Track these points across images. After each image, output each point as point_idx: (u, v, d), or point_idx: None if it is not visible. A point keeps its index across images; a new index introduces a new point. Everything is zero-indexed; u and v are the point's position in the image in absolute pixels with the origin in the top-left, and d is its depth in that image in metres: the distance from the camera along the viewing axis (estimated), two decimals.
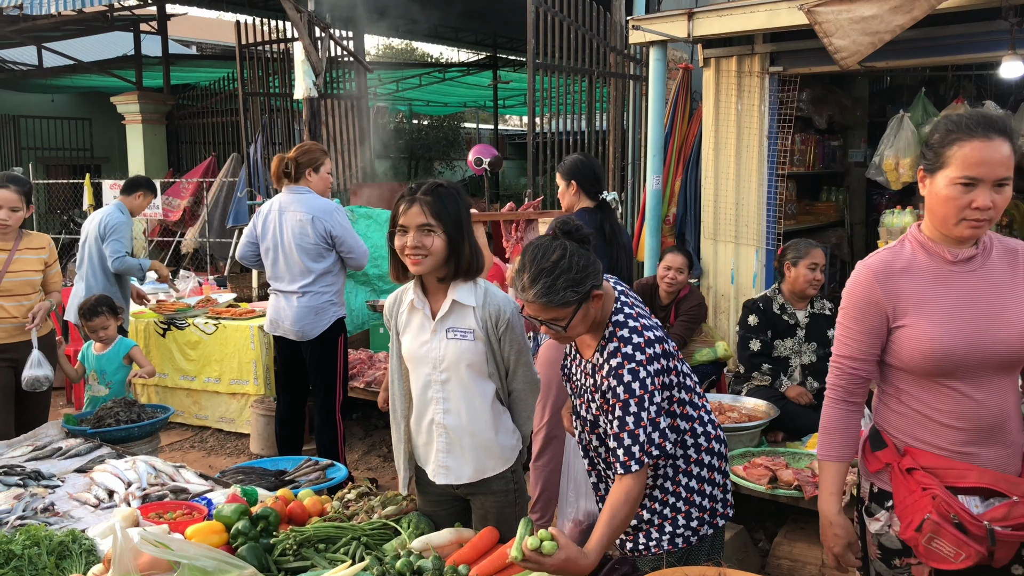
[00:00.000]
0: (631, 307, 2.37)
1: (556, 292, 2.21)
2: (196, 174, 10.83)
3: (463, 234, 2.55)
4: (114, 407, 4.29)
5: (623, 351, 2.25)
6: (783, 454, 4.03)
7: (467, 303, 2.59)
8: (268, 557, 2.42)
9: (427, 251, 2.50)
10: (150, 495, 3.14)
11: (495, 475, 2.70)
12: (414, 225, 2.50)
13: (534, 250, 2.28)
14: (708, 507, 2.45)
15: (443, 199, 2.52)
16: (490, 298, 2.61)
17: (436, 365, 2.64)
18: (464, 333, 2.60)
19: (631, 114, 7.98)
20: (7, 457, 3.71)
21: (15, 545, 2.46)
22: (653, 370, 2.24)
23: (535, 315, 2.29)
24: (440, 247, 2.51)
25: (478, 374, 2.63)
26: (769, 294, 4.75)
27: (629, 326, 2.29)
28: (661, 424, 2.26)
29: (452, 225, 2.52)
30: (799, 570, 3.78)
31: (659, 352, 2.28)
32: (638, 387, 2.22)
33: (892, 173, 6.41)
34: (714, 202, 6.43)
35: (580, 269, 2.23)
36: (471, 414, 2.65)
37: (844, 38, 4.76)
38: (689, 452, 2.42)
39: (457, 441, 2.68)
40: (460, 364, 2.61)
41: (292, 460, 3.75)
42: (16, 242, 4.55)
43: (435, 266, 2.54)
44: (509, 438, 2.72)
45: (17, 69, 14.52)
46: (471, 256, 2.57)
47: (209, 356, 6.51)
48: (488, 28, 13.66)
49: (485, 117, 21.01)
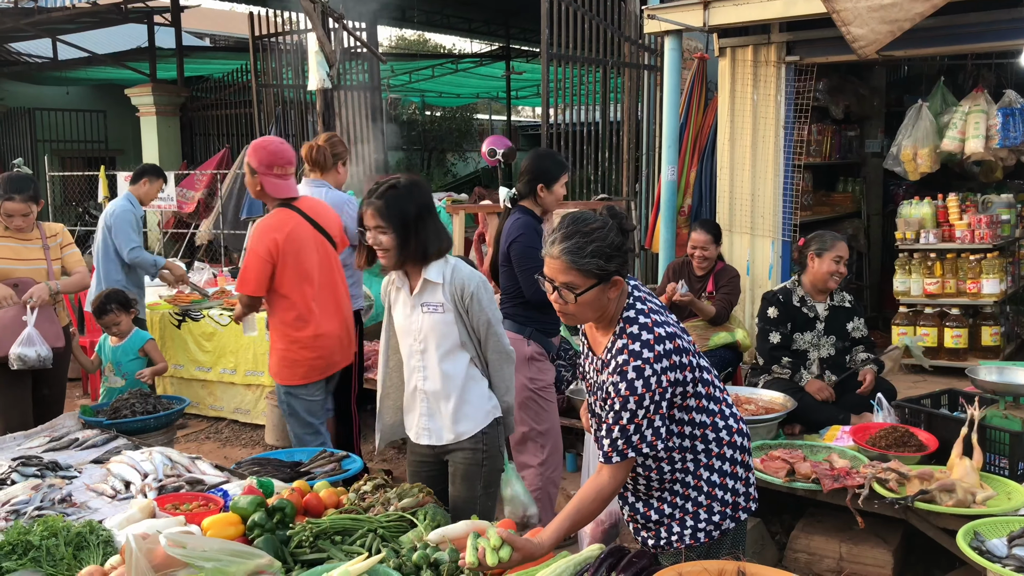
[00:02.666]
0: (644, 302, 2.35)
1: (583, 255, 2.22)
2: (210, 166, 10.85)
3: (409, 231, 2.91)
4: (130, 398, 4.31)
5: (630, 348, 2.23)
6: (801, 447, 4.00)
7: (435, 280, 2.95)
8: (284, 549, 2.42)
9: (383, 247, 2.92)
10: (166, 486, 3.14)
11: (467, 437, 3.01)
12: (371, 226, 2.93)
13: (575, 215, 2.33)
14: (730, 501, 2.42)
15: (390, 202, 2.90)
16: (456, 273, 2.97)
17: (416, 336, 3.01)
18: (435, 307, 2.96)
19: (646, 105, 7.93)
20: (25, 448, 3.73)
21: (33, 536, 2.46)
22: (660, 368, 2.22)
23: (553, 275, 2.28)
24: (391, 244, 2.91)
25: (451, 344, 2.97)
26: (789, 286, 4.70)
27: (639, 322, 2.27)
28: (656, 423, 2.24)
29: (399, 224, 2.90)
30: (816, 563, 3.76)
31: (670, 348, 2.25)
32: (640, 385, 2.20)
33: (910, 163, 6.36)
34: (729, 193, 6.38)
35: (613, 247, 2.25)
36: (445, 380, 2.99)
37: (862, 26, 4.70)
38: (710, 446, 2.39)
39: (436, 405, 3.03)
40: (433, 334, 2.97)
41: (307, 452, 3.74)
42: (40, 232, 4.60)
43: (393, 259, 2.94)
44: (484, 403, 3.03)
45: (32, 62, 14.57)
46: (418, 246, 2.93)
47: (224, 347, 6.53)
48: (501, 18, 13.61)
49: (498, 108, 20.95)
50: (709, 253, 5.42)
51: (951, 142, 6.14)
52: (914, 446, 3.78)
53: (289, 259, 3.98)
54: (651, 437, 2.25)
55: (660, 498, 2.43)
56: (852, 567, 3.69)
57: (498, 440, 3.09)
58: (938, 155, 6.28)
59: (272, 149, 4.04)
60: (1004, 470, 3.55)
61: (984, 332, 6.05)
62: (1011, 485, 3.41)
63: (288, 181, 4.10)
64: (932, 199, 6.38)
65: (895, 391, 4.62)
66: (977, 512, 3.15)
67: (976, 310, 6.12)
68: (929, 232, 6.21)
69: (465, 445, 3.02)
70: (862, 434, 3.96)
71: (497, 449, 3.08)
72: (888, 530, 3.74)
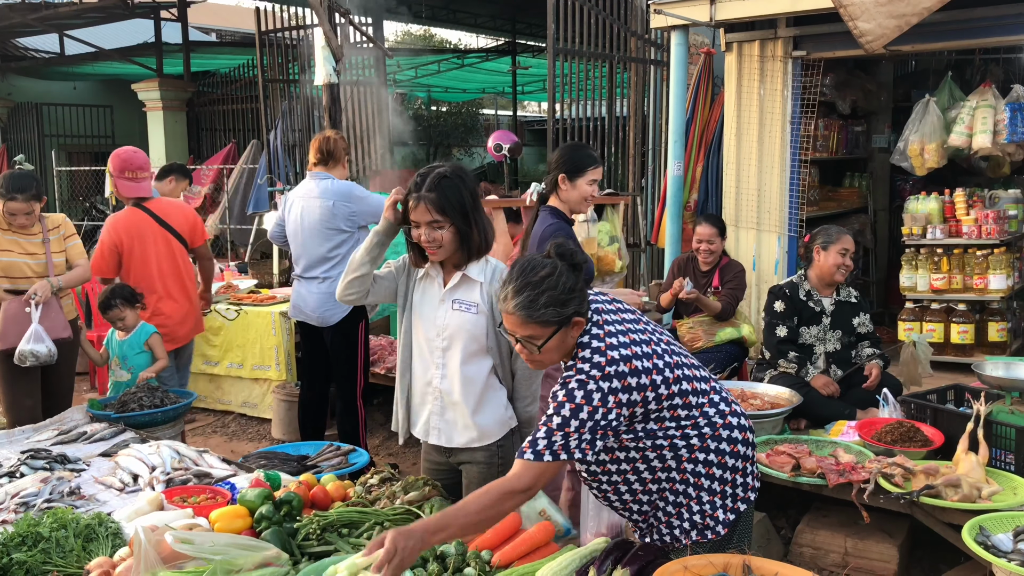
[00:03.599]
0: (600, 325, 2.27)
1: (537, 308, 2.17)
2: (216, 161, 10.88)
3: (470, 222, 2.72)
4: (138, 392, 4.32)
5: (578, 367, 2.20)
6: (806, 442, 4.00)
7: (476, 278, 2.78)
8: (292, 541, 2.44)
9: (440, 243, 2.70)
10: (174, 479, 3.16)
11: (481, 446, 2.86)
12: (424, 222, 2.69)
13: (524, 263, 2.25)
14: (729, 492, 2.38)
15: (446, 192, 2.67)
16: (497, 276, 2.78)
17: (440, 332, 2.82)
18: (468, 306, 2.78)
19: (652, 100, 7.92)
20: (33, 441, 3.75)
21: (43, 528, 2.48)
22: (606, 387, 2.16)
23: (513, 329, 2.24)
24: (450, 239, 2.70)
25: (477, 347, 2.80)
26: (795, 280, 4.70)
27: (592, 346, 2.22)
28: (586, 437, 2.16)
29: (459, 216, 2.69)
30: (822, 558, 3.76)
31: (623, 371, 2.18)
32: (580, 396, 2.16)
33: (917, 159, 6.34)
34: (736, 188, 6.38)
35: (566, 291, 2.19)
36: (464, 383, 2.81)
37: (870, 21, 4.69)
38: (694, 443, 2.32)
39: (450, 406, 2.86)
40: (461, 334, 2.79)
41: (314, 445, 3.76)
42: (42, 225, 4.60)
43: (449, 255, 2.75)
44: (501, 413, 2.87)
45: (39, 57, 14.61)
46: (480, 240, 2.75)
47: (231, 342, 6.55)
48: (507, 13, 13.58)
49: (504, 103, 20.94)
50: (715, 247, 5.40)
51: (958, 137, 6.13)
52: (920, 441, 3.78)
53: (134, 250, 4.89)
54: (574, 449, 2.17)
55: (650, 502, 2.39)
56: (857, 562, 3.69)
57: (514, 452, 2.80)
58: (945, 150, 6.27)
59: (124, 157, 4.98)
60: (1010, 465, 3.55)
61: (991, 328, 6.04)
62: (1017, 480, 3.41)
63: (140, 184, 4.97)
64: (939, 194, 6.36)
65: (901, 387, 4.62)
66: (983, 507, 3.15)
67: (983, 306, 6.11)
68: (936, 227, 6.19)
69: (479, 458, 2.89)
70: (868, 429, 3.96)
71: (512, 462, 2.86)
72: (894, 525, 3.75)
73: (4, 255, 4.48)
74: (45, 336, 4.43)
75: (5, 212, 4.45)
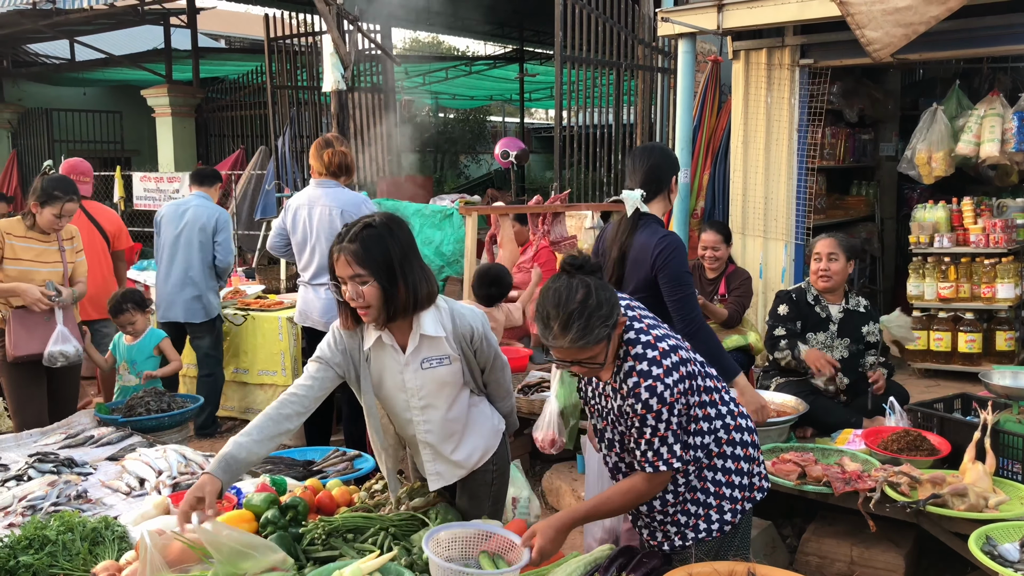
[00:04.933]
0: (639, 320, 2.33)
1: (591, 331, 2.14)
2: (224, 167, 10.91)
3: (395, 275, 2.46)
4: (145, 396, 4.34)
5: (639, 368, 2.23)
6: (812, 450, 3.99)
7: (435, 335, 2.56)
8: (297, 546, 2.44)
9: (365, 301, 2.46)
10: (180, 483, 3.17)
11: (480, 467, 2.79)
12: (346, 276, 2.46)
13: (555, 294, 2.18)
14: (739, 497, 2.42)
15: (367, 243, 2.44)
16: (458, 320, 2.61)
17: (415, 394, 2.63)
18: (440, 360, 2.60)
19: (659, 107, 7.93)
20: (41, 444, 3.77)
21: (49, 531, 2.50)
22: (671, 381, 2.22)
23: (570, 359, 2.22)
24: (374, 295, 2.45)
25: (455, 389, 2.67)
26: (803, 286, 4.69)
27: (641, 341, 2.26)
28: (682, 435, 2.27)
29: (382, 270, 2.44)
30: (828, 567, 3.74)
31: (676, 361, 2.24)
32: (655, 402, 2.21)
33: (924, 167, 6.33)
34: (743, 196, 6.38)
35: (607, 302, 2.18)
36: (451, 425, 2.69)
37: (877, 29, 4.69)
38: (712, 447, 2.39)
39: (441, 453, 2.72)
40: (441, 389, 2.64)
41: (320, 451, 3.77)
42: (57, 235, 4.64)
43: (378, 313, 2.49)
44: (490, 425, 2.80)
45: (50, 63, 14.70)
46: (408, 295, 2.48)
47: (237, 347, 6.56)
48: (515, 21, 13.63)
49: (511, 110, 20.98)
50: (720, 253, 5.41)
51: (966, 146, 6.12)
52: (926, 450, 3.76)
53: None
54: (678, 448, 2.26)
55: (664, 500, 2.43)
56: (863, 571, 3.67)
57: (506, 454, 2.92)
58: (953, 159, 6.26)
59: (73, 163, 6.37)
60: (1017, 475, 3.53)
61: (998, 337, 6.02)
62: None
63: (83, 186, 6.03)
64: (947, 203, 6.36)
65: (908, 395, 4.60)
66: (990, 516, 3.13)
67: (990, 315, 6.09)
68: (943, 236, 6.18)
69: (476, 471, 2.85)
70: (874, 438, 3.95)
71: (505, 463, 2.92)
72: (900, 534, 3.73)
73: (18, 263, 4.50)
74: (71, 336, 4.50)
75: (57, 214, 4.51)
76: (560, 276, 2.23)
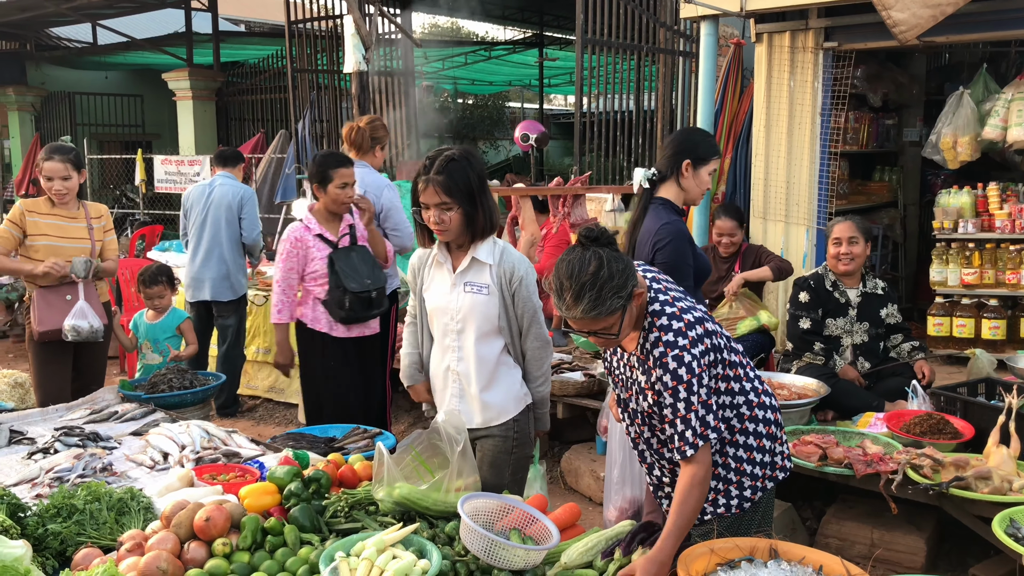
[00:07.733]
0: (665, 292, 2.33)
1: (603, 302, 2.14)
2: (245, 150, 10.94)
3: (476, 203, 2.80)
4: (168, 374, 4.38)
5: (664, 339, 2.22)
6: (833, 432, 3.98)
7: (485, 260, 2.87)
8: (320, 518, 2.46)
9: (447, 225, 2.80)
10: (203, 458, 3.20)
11: (498, 424, 2.96)
12: (432, 204, 2.79)
13: (568, 265, 2.19)
14: (759, 474, 2.42)
15: (454, 175, 2.76)
16: (506, 256, 2.89)
17: (453, 316, 2.92)
18: (480, 288, 2.87)
19: (680, 92, 7.88)
20: (66, 419, 3.81)
21: (77, 500, 2.53)
22: (698, 352, 2.22)
23: (585, 329, 2.23)
24: (457, 220, 2.79)
25: (490, 327, 2.89)
26: (820, 271, 4.66)
27: (667, 312, 2.26)
28: (713, 405, 2.25)
29: (465, 198, 2.78)
30: (848, 549, 3.74)
31: (701, 333, 2.24)
32: (684, 372, 2.20)
33: (949, 152, 6.26)
34: (764, 180, 6.33)
35: (620, 273, 2.17)
36: (479, 363, 2.91)
37: (904, 11, 4.64)
38: (735, 423, 2.39)
39: (467, 388, 2.96)
40: (474, 315, 2.88)
41: (341, 428, 3.79)
42: (85, 212, 4.65)
43: (456, 236, 2.85)
44: (516, 390, 2.97)
45: (72, 47, 14.79)
46: (485, 222, 2.83)
47: (259, 328, 6.61)
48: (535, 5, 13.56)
49: (530, 96, 20.89)
50: (736, 239, 5.52)
51: (993, 130, 6.03)
52: (949, 434, 3.74)
53: None
54: (711, 419, 2.24)
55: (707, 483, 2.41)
56: (884, 553, 3.67)
57: (528, 428, 3.04)
58: (979, 143, 6.18)
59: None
60: None
61: (1023, 324, 5.96)
62: None
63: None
64: (971, 188, 6.28)
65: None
66: (1014, 499, 3.11)
67: (1015, 301, 6.02)
68: (968, 222, 6.11)
69: (495, 432, 2.98)
70: (896, 421, 3.93)
71: (527, 436, 3.04)
72: (921, 517, 3.72)
73: (46, 239, 4.53)
74: (90, 313, 4.50)
75: (43, 176, 4.51)
76: (575, 248, 2.25)
